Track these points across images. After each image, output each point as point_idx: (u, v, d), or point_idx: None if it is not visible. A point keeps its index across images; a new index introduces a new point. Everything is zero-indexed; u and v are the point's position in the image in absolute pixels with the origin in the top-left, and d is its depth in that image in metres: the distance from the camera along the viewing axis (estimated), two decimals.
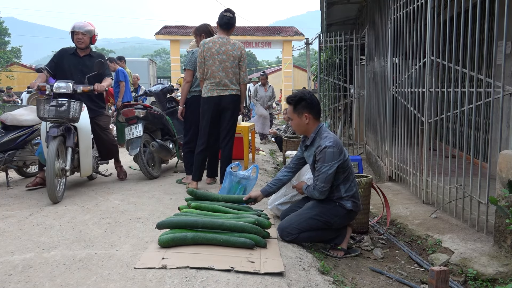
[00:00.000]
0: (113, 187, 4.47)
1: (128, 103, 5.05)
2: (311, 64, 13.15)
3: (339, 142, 2.94)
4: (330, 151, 2.84)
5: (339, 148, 2.90)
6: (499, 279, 2.59)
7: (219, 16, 4.25)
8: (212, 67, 4.13)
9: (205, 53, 4.14)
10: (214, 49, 4.13)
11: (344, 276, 2.65)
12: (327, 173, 2.85)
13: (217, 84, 4.16)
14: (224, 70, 4.15)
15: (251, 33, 22.90)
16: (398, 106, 4.90)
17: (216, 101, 4.17)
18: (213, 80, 4.15)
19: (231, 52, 4.18)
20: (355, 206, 2.97)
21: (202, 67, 4.18)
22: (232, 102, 4.22)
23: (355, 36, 8.30)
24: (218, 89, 4.17)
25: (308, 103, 2.99)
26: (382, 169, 5.68)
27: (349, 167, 2.98)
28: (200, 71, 4.21)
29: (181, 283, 2.11)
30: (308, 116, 2.99)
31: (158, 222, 2.76)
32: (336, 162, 2.85)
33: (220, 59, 4.13)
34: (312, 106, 3.00)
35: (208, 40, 4.19)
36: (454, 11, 3.54)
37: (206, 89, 4.19)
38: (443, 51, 3.85)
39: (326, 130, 3.01)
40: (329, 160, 2.84)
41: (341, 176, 2.94)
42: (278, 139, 7.97)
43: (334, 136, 2.95)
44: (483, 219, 3.18)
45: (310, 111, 3.00)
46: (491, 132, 3.53)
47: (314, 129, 3.01)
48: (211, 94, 4.16)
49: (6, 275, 2.24)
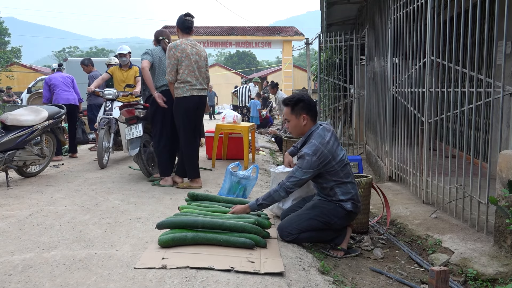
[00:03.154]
0: (113, 187, 4.47)
1: (128, 103, 5.05)
2: (311, 64, 13.17)
3: (324, 148, 2.84)
4: (308, 159, 2.82)
5: (321, 155, 2.83)
6: (499, 279, 2.59)
7: (181, 21, 4.39)
8: (189, 67, 4.24)
9: (179, 55, 4.21)
10: (188, 50, 4.26)
11: (344, 276, 2.65)
12: (299, 178, 2.85)
13: (195, 84, 4.29)
14: (198, 70, 4.32)
15: (251, 33, 22.92)
16: (398, 106, 4.89)
17: (196, 101, 4.30)
18: (190, 80, 4.25)
19: (201, 53, 4.40)
20: (355, 207, 2.97)
21: (174, 69, 4.24)
22: (204, 102, 4.47)
23: (355, 36, 8.30)
24: (196, 89, 4.30)
25: (306, 104, 3.00)
26: (382, 169, 5.68)
27: (340, 171, 2.91)
28: (172, 74, 4.24)
29: (181, 283, 2.11)
30: (306, 117, 2.99)
31: (158, 222, 2.77)
32: (313, 170, 2.83)
33: (194, 59, 4.29)
34: (310, 107, 3.01)
35: (179, 42, 4.29)
36: (454, 11, 3.53)
37: (185, 89, 4.25)
38: (443, 51, 3.85)
39: (317, 135, 2.92)
40: (305, 167, 2.83)
41: (330, 178, 2.92)
42: (278, 139, 7.97)
43: (320, 142, 2.86)
44: (483, 219, 3.18)
45: (308, 112, 3.00)
46: (491, 132, 3.53)
47: (307, 131, 3.01)
48: (191, 94, 4.26)
49: (6, 275, 2.24)
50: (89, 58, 8.10)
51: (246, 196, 3.84)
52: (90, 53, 52.39)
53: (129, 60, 6.55)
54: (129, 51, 6.55)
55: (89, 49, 62.07)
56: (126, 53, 6.45)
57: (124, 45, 6.76)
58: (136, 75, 6.48)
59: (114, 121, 5.84)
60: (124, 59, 6.43)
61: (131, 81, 6.43)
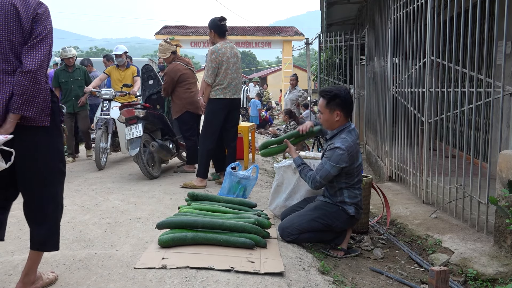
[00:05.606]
0: (113, 187, 4.47)
1: (128, 103, 5.04)
2: (311, 64, 13.14)
3: (353, 148, 2.88)
4: (338, 152, 2.83)
5: (350, 154, 2.85)
6: (499, 279, 2.59)
7: (217, 25, 4.45)
8: (227, 70, 4.36)
9: (220, 59, 4.32)
10: (228, 53, 4.39)
11: (344, 276, 2.65)
12: (328, 171, 2.85)
13: (229, 86, 4.40)
14: (236, 72, 4.47)
15: (251, 33, 22.90)
16: (398, 106, 4.89)
17: (227, 104, 4.42)
18: (225, 83, 4.36)
19: (238, 54, 4.56)
20: (357, 213, 2.99)
21: (215, 72, 4.34)
22: (237, 104, 4.63)
23: (355, 36, 8.29)
24: (230, 91, 4.43)
25: (342, 101, 2.94)
26: (382, 169, 5.68)
27: (355, 176, 2.96)
28: (212, 77, 4.33)
29: (181, 283, 2.11)
30: (340, 114, 2.95)
31: (158, 222, 2.77)
32: (342, 165, 2.84)
33: (233, 62, 4.43)
34: (345, 104, 2.95)
35: (219, 46, 4.38)
36: (454, 11, 3.53)
37: (219, 91, 4.37)
38: (443, 51, 3.85)
39: (351, 134, 2.94)
40: (335, 161, 2.83)
41: (343, 180, 2.93)
42: None
43: (352, 141, 2.90)
44: (483, 219, 3.18)
45: (342, 109, 2.94)
46: (491, 132, 3.53)
47: (340, 126, 2.98)
48: (223, 96, 4.38)
49: (6, 275, 2.24)
50: (88, 58, 8.10)
51: (246, 196, 3.84)
52: (90, 53, 52.37)
53: (126, 60, 6.49)
54: (125, 51, 6.49)
55: (89, 49, 62.04)
56: (122, 54, 6.39)
57: (120, 44, 6.70)
58: (134, 74, 6.44)
59: (112, 122, 5.79)
60: (120, 60, 6.37)
61: (129, 80, 6.38)
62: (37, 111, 1.88)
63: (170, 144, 5.33)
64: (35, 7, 1.89)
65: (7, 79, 1.86)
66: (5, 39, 1.84)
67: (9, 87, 1.86)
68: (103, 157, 5.60)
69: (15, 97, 1.83)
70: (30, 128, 1.91)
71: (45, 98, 1.92)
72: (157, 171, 5.11)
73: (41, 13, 1.89)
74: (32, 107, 1.86)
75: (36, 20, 1.88)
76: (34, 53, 1.85)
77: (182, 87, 5.05)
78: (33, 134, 1.92)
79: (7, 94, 1.85)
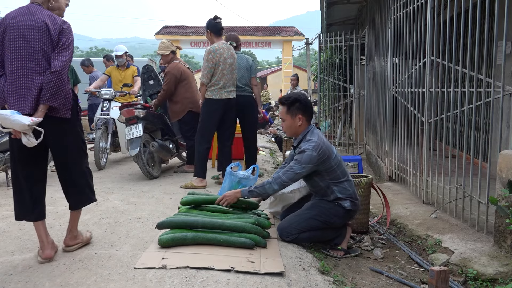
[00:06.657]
0: (113, 187, 4.47)
1: (128, 103, 5.04)
2: (311, 64, 13.14)
3: (322, 146, 2.88)
4: (307, 153, 2.84)
5: (319, 152, 2.85)
6: (499, 279, 2.59)
7: (212, 24, 4.44)
8: (224, 70, 4.36)
9: (217, 59, 4.32)
10: (225, 54, 4.39)
11: (344, 276, 2.65)
12: (296, 172, 2.86)
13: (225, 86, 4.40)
14: (231, 73, 4.46)
15: (251, 33, 22.91)
16: (398, 106, 4.89)
17: (222, 104, 4.42)
18: (221, 83, 4.37)
19: (234, 55, 4.54)
20: (354, 205, 2.97)
21: (211, 72, 4.34)
22: (233, 104, 4.55)
23: (355, 36, 8.29)
24: (226, 91, 4.42)
25: (302, 104, 2.99)
26: (382, 169, 5.68)
27: (337, 169, 2.94)
28: (208, 77, 4.34)
29: (181, 283, 2.11)
30: (302, 118, 2.99)
31: (158, 222, 2.76)
32: (311, 165, 2.84)
33: (229, 63, 4.42)
34: (306, 108, 3.01)
35: (217, 46, 4.37)
36: (454, 11, 3.53)
37: (215, 91, 4.37)
38: (443, 51, 3.85)
39: (314, 133, 2.96)
40: (305, 162, 2.84)
41: (326, 178, 2.94)
42: (278, 139, 7.96)
43: (318, 138, 2.90)
44: (483, 219, 3.18)
45: (303, 113, 3.00)
46: (491, 132, 3.53)
47: (303, 131, 3.02)
48: (219, 97, 4.38)
49: (6, 275, 2.24)
50: (88, 58, 8.09)
51: None
52: (90, 53, 52.30)
53: (126, 60, 6.51)
54: (125, 51, 6.51)
55: (89, 49, 61.99)
56: (122, 54, 6.41)
57: (121, 45, 6.71)
58: (134, 74, 6.46)
59: (112, 122, 5.80)
60: (120, 60, 6.40)
61: (129, 80, 6.40)
62: (61, 103, 2.39)
63: (170, 144, 5.33)
64: (61, 24, 2.42)
65: (38, 79, 2.36)
66: (39, 48, 2.37)
67: (39, 85, 2.35)
68: (103, 157, 5.59)
69: (44, 91, 2.34)
70: (57, 119, 2.42)
71: (67, 93, 2.43)
72: (157, 171, 5.12)
73: (66, 28, 2.43)
74: (58, 99, 2.37)
75: (61, 33, 2.41)
76: (60, 57, 2.38)
77: (183, 86, 5.06)
78: (60, 123, 2.46)
79: (38, 89, 2.35)
